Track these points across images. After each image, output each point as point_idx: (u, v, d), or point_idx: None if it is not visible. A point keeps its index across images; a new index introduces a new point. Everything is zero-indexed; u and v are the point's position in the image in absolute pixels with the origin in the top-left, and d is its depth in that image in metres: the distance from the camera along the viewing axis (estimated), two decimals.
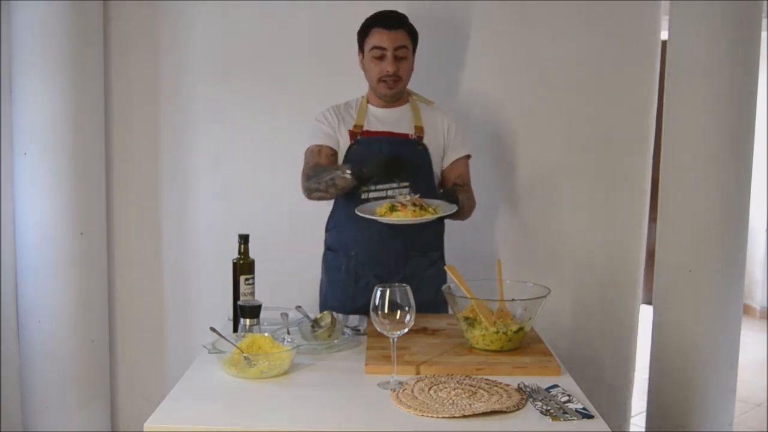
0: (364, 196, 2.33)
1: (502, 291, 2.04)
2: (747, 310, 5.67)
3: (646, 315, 3.13)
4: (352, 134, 2.38)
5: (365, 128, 2.39)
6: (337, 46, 2.93)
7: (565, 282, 3.04)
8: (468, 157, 2.48)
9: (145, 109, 3.05)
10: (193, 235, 3.10)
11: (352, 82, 2.62)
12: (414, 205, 2.15)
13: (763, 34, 2.78)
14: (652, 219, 2.97)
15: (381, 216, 2.17)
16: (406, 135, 2.39)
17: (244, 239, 2.05)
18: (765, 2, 2.74)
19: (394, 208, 2.16)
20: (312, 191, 2.34)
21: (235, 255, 2.05)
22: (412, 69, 2.40)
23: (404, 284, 1.68)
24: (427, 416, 1.52)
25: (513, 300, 1.96)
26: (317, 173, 2.32)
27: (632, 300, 3.09)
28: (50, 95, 2.75)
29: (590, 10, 2.93)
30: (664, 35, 2.88)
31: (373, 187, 2.33)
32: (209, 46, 3.01)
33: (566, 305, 3.06)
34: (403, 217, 2.14)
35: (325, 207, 3.02)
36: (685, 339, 2.69)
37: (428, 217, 2.15)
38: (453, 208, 2.21)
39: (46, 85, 2.74)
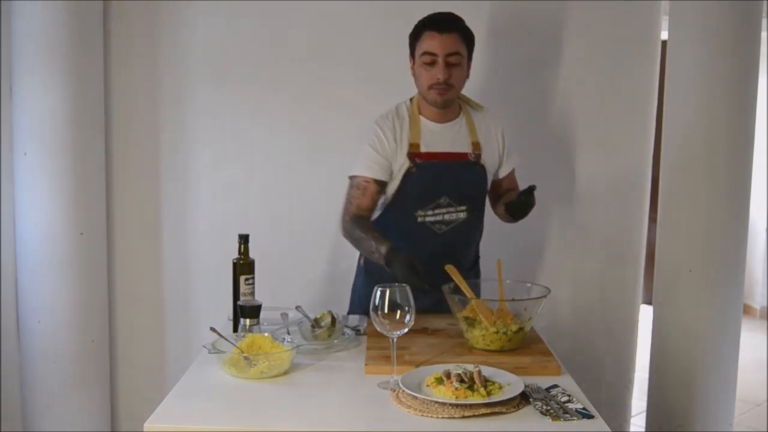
0: (420, 219, 2.24)
1: (502, 291, 2.04)
2: (747, 310, 5.66)
3: (646, 315, 3.13)
4: (410, 156, 2.23)
5: (422, 146, 2.25)
6: (336, 48, 2.93)
7: (565, 282, 3.05)
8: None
9: (145, 108, 3.05)
10: (193, 235, 3.10)
11: (350, 84, 2.63)
12: (462, 382, 1.59)
13: (763, 34, 2.78)
14: (652, 219, 2.97)
15: (428, 386, 1.64)
16: (465, 155, 2.27)
17: (244, 239, 2.05)
18: (765, 2, 2.74)
19: (441, 381, 1.63)
20: (352, 242, 2.23)
21: (235, 255, 2.05)
22: (466, 76, 2.26)
23: (404, 284, 1.68)
24: (427, 416, 1.52)
25: (513, 300, 1.96)
26: (360, 230, 2.16)
27: (632, 300, 3.09)
28: (50, 95, 2.74)
29: (590, 10, 2.93)
30: (664, 35, 2.88)
31: (431, 212, 2.24)
32: (209, 45, 3.01)
33: (566, 305, 3.06)
34: (443, 395, 1.59)
35: (325, 209, 3.03)
36: (685, 339, 2.69)
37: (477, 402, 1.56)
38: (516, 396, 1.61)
39: (46, 85, 2.74)
